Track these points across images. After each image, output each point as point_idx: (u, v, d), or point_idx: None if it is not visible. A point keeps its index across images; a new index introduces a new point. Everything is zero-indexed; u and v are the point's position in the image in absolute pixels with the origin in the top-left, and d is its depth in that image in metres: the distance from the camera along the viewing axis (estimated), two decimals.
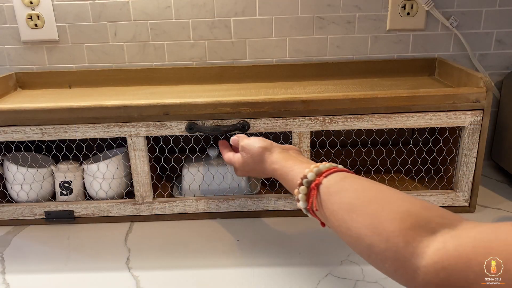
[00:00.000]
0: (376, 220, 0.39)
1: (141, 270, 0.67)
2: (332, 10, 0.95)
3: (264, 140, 0.64)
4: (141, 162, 0.76)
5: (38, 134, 0.74)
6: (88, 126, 0.73)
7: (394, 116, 0.72)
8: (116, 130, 0.74)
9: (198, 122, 0.72)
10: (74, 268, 0.68)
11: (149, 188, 0.78)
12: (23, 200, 0.81)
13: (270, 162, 0.60)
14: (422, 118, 0.72)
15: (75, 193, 0.81)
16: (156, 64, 1.00)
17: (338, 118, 0.72)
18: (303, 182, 0.49)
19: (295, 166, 0.55)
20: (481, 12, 0.94)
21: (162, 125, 0.73)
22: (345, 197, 0.44)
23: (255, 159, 0.63)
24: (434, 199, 0.78)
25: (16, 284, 0.65)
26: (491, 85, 0.72)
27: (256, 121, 0.72)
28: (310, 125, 0.73)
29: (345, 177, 0.47)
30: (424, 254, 0.35)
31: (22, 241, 0.75)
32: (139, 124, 0.73)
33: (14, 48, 0.99)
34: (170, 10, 0.95)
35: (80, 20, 0.96)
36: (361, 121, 0.72)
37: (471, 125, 0.72)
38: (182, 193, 0.82)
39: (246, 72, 0.98)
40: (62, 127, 0.73)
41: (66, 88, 0.99)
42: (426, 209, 0.39)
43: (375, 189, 0.44)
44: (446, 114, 0.72)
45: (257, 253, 0.70)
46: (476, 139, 0.73)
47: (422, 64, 0.96)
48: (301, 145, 0.74)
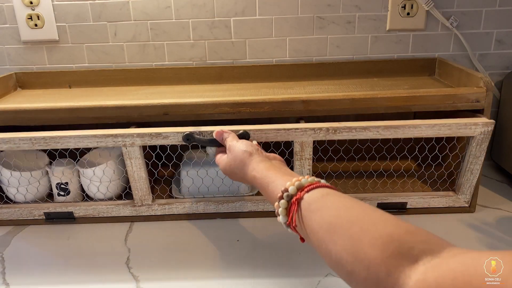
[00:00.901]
0: (357, 245, 0.38)
1: (141, 270, 0.67)
2: (332, 10, 0.95)
3: (251, 145, 0.61)
4: (138, 169, 0.74)
5: (28, 144, 0.71)
6: (81, 136, 0.70)
7: (401, 127, 0.69)
8: (109, 140, 0.70)
9: (196, 133, 0.69)
10: (74, 268, 0.68)
11: (147, 192, 0.77)
12: (21, 201, 0.80)
13: (251, 169, 0.57)
14: (431, 128, 0.70)
15: (72, 194, 0.81)
16: (156, 64, 0.99)
17: (342, 129, 0.69)
18: (284, 196, 0.47)
19: (277, 177, 0.52)
20: (481, 12, 0.94)
21: (157, 136, 0.70)
22: (326, 216, 0.42)
23: (236, 162, 0.60)
24: (435, 201, 0.78)
25: (16, 284, 0.65)
26: (491, 85, 0.72)
27: (256, 131, 0.69)
28: (313, 135, 0.70)
29: (327, 193, 0.45)
30: (405, 285, 0.34)
31: (22, 241, 0.75)
32: (133, 134, 0.70)
33: (14, 48, 0.99)
34: (170, 10, 0.95)
35: (80, 20, 0.96)
36: (367, 131, 0.70)
37: (480, 135, 0.70)
38: (182, 194, 0.81)
39: (246, 72, 0.98)
40: (53, 138, 0.70)
41: (66, 88, 0.99)
42: (410, 233, 0.37)
43: (358, 209, 0.42)
44: (456, 125, 0.69)
45: (257, 253, 0.70)
46: (484, 148, 0.71)
47: (422, 64, 0.96)
48: (303, 153, 0.72)
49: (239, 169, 0.60)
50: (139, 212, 0.79)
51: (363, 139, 0.71)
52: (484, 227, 0.74)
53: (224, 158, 0.64)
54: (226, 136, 0.66)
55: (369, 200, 0.77)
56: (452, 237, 0.72)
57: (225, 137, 0.66)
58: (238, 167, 0.60)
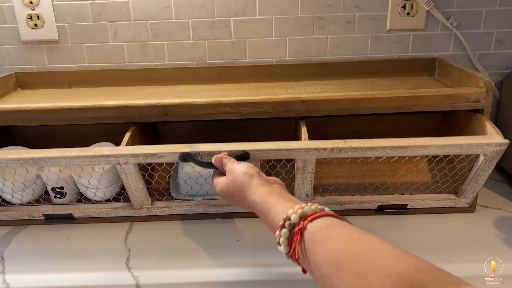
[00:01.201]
0: (365, 283, 0.36)
1: (141, 270, 0.67)
2: (332, 10, 0.95)
3: (252, 167, 0.58)
4: (134, 181, 0.72)
5: (16, 164, 0.68)
6: (71, 157, 0.67)
7: (410, 148, 0.65)
8: (102, 160, 0.67)
9: (193, 153, 0.65)
10: (74, 268, 0.68)
11: (145, 198, 0.76)
12: (18, 204, 0.79)
13: (250, 192, 0.54)
14: (441, 149, 0.66)
15: (69, 196, 0.80)
16: (156, 64, 0.99)
17: (347, 149, 0.65)
18: (286, 224, 0.45)
19: (278, 203, 0.49)
20: (481, 12, 0.94)
21: (152, 156, 0.66)
22: (331, 249, 0.40)
23: (235, 184, 0.57)
24: (435, 203, 0.77)
25: (16, 284, 0.65)
26: (491, 85, 0.72)
27: (257, 151, 0.66)
28: (317, 154, 0.67)
29: (331, 223, 0.43)
30: None
31: (22, 241, 0.75)
32: (127, 154, 0.66)
33: (14, 48, 0.99)
34: (170, 10, 0.95)
35: (80, 20, 0.96)
36: (374, 151, 0.66)
37: (492, 153, 0.67)
38: (181, 196, 0.80)
39: (246, 72, 0.98)
40: (42, 159, 0.67)
41: (66, 88, 0.99)
42: (421, 271, 0.35)
43: (364, 242, 0.40)
44: (467, 146, 0.65)
45: (257, 253, 0.70)
46: (494, 163, 0.68)
47: (422, 64, 0.96)
48: (306, 168, 0.70)
49: (238, 191, 0.57)
50: (138, 214, 0.79)
51: (370, 156, 0.68)
52: (484, 227, 0.74)
53: (222, 180, 0.60)
54: (226, 161, 0.62)
55: (370, 202, 0.77)
56: (452, 238, 0.72)
57: (225, 163, 0.62)
58: (237, 189, 0.57)
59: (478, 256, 0.66)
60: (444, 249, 0.69)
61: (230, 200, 0.60)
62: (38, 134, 0.92)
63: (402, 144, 0.65)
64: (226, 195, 0.60)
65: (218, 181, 0.61)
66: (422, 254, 0.37)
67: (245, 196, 0.55)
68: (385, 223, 0.76)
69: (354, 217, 0.78)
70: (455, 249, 0.69)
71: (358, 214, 0.78)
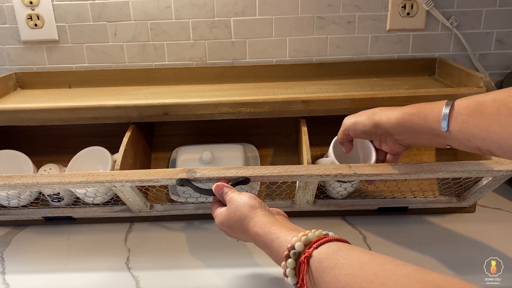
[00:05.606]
0: None
1: (141, 270, 0.67)
2: (332, 10, 0.95)
3: (254, 198, 0.56)
4: (132, 196, 0.69)
5: (6, 189, 0.65)
6: (64, 183, 0.63)
7: (417, 174, 0.62)
8: (97, 185, 0.65)
9: (191, 180, 0.62)
10: (74, 268, 0.68)
11: (144, 206, 0.74)
12: (16, 207, 0.77)
13: (252, 224, 0.52)
14: (450, 174, 0.62)
15: (67, 199, 0.77)
16: (156, 64, 1.00)
17: (352, 175, 0.63)
18: (291, 254, 0.44)
19: (281, 233, 0.48)
20: (481, 12, 0.94)
21: (148, 181, 0.63)
22: (340, 276, 0.39)
23: (236, 215, 0.54)
24: (436, 204, 0.77)
25: (16, 284, 0.65)
26: (491, 85, 0.72)
27: (257, 177, 0.63)
28: (319, 179, 0.64)
29: (338, 248, 0.42)
30: None
31: (22, 241, 0.75)
32: (122, 180, 0.63)
33: (14, 48, 0.99)
34: (170, 10, 0.95)
35: (80, 20, 0.96)
36: (379, 177, 0.63)
37: (502, 176, 0.63)
38: (180, 199, 0.79)
39: (246, 72, 0.98)
40: (34, 184, 0.64)
41: (66, 88, 0.99)
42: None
43: (374, 265, 0.38)
44: (476, 172, 0.61)
45: (257, 253, 0.70)
46: (501, 182, 0.66)
47: (422, 64, 0.96)
48: (308, 187, 0.67)
49: (239, 223, 0.54)
50: (138, 214, 0.78)
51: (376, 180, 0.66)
52: (484, 227, 0.74)
53: (222, 212, 0.57)
54: (227, 190, 0.59)
55: (370, 204, 0.77)
56: (453, 238, 0.72)
57: (225, 192, 0.59)
58: (238, 221, 0.54)
59: (478, 256, 0.66)
60: (444, 249, 0.69)
61: (230, 233, 0.58)
62: (38, 134, 0.92)
63: (409, 171, 0.61)
64: (226, 227, 0.57)
65: (218, 213, 0.59)
66: (422, 254, 0.37)
67: (246, 228, 0.53)
68: (385, 223, 0.76)
69: (354, 217, 0.78)
70: (455, 249, 0.69)
71: (358, 214, 0.78)
